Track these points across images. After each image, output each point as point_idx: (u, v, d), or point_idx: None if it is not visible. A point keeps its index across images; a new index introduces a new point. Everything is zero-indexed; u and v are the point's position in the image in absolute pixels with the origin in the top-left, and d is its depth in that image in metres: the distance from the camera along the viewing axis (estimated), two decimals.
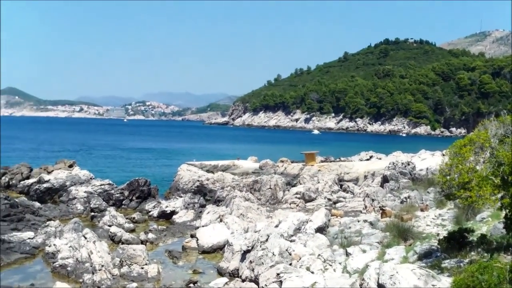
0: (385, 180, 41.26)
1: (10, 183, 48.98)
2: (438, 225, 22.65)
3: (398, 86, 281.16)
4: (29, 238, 29.23)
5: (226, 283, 21.11)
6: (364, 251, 19.87)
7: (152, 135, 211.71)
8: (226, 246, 25.81)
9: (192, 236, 30.57)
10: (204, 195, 43.72)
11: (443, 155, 17.19)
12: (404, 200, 31.31)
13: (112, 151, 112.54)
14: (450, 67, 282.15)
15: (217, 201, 40.87)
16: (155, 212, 38.94)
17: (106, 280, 22.42)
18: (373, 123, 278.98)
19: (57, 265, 25.14)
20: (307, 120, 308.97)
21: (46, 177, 46.36)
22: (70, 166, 50.87)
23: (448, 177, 14.72)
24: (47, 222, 32.10)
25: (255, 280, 20.33)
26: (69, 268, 24.60)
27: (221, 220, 32.21)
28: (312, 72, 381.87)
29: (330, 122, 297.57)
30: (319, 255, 20.05)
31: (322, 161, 57.24)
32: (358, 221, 28.18)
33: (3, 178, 49.36)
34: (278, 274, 18.86)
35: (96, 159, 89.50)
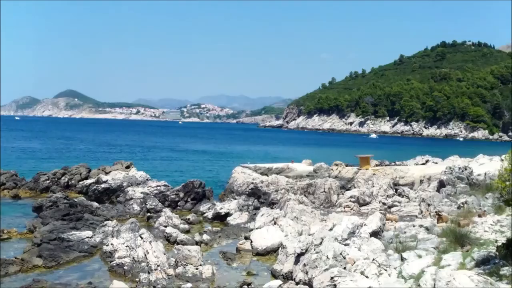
0: (441, 185, 40.56)
1: (70, 183, 50.22)
2: (497, 232, 22.14)
3: (455, 89, 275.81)
4: (87, 237, 29.92)
5: (280, 285, 21.12)
6: (419, 256, 19.60)
7: (207, 137, 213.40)
8: (280, 248, 25.85)
9: (246, 238, 30.74)
10: (258, 197, 43.84)
11: (502, 160, 16.76)
12: (461, 205, 30.70)
13: (168, 153, 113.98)
14: (509, 70, 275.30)
15: (271, 204, 40.96)
16: (209, 214, 39.31)
17: (161, 280, 22.76)
18: (429, 127, 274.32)
19: (114, 264, 25.66)
20: (361, 124, 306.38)
21: (104, 177, 47.33)
22: (127, 167, 51.78)
23: (507, 183, 14.44)
24: (105, 222, 32.80)
25: (309, 283, 20.30)
26: (125, 267, 25.09)
27: (275, 223, 32.27)
28: (367, 75, 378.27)
29: (385, 125, 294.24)
30: (373, 259, 19.89)
31: (376, 165, 56.64)
32: (414, 226, 27.78)
33: (62, 178, 50.65)
34: (332, 277, 18.79)
35: (152, 161, 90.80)
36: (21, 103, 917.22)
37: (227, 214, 38.25)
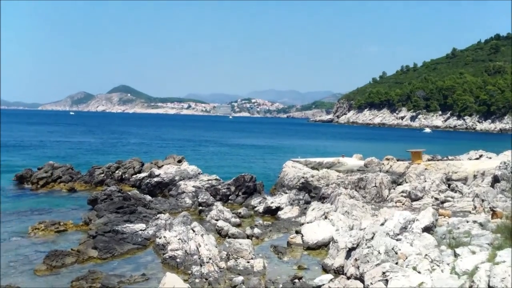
0: (495, 180, 39.76)
1: (123, 176, 51.16)
2: None
3: (510, 83, 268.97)
4: (141, 230, 30.45)
5: (331, 280, 21.13)
6: (473, 253, 19.31)
7: (257, 131, 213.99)
8: (331, 243, 25.82)
9: (297, 232, 30.81)
10: (309, 191, 43.79)
11: None
12: None
13: (219, 147, 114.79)
14: None
15: (322, 198, 40.85)
16: (260, 208, 39.49)
17: (213, 273, 23.03)
18: (483, 121, 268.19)
19: (167, 257, 26.08)
20: (413, 118, 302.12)
21: (156, 171, 48.04)
22: (179, 161, 52.41)
23: None
24: (158, 215, 33.32)
25: (360, 278, 20.25)
26: (178, 260, 25.46)
27: (326, 217, 32.21)
28: (419, 69, 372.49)
29: (437, 120, 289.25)
30: (426, 255, 19.69)
31: (428, 160, 55.81)
32: (467, 222, 27.35)
33: (116, 171, 51.62)
34: (384, 272, 18.70)
35: (204, 155, 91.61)
36: (76, 99, 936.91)
37: (278, 208, 38.37)
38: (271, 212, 38.45)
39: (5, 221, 35.02)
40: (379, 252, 20.81)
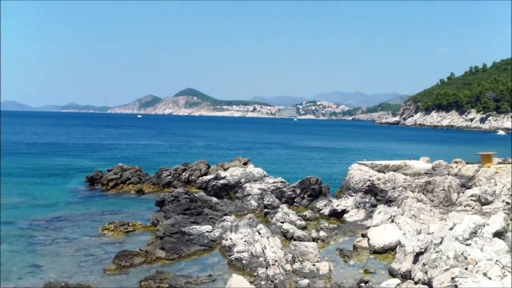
0: None
1: (190, 178, 51.83)
2: None
3: None
4: (207, 231, 30.79)
5: (398, 284, 20.88)
6: None
7: (323, 134, 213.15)
8: (398, 247, 25.51)
9: (363, 235, 30.53)
10: (375, 194, 43.36)
11: None
12: None
13: (284, 149, 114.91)
14: None
15: (388, 201, 40.34)
16: (326, 211, 39.33)
17: (279, 275, 23.07)
18: None
19: (233, 258, 26.28)
20: (482, 120, 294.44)
21: (222, 173, 48.48)
22: (245, 163, 52.74)
23: None
24: (224, 217, 33.61)
25: (428, 283, 19.93)
26: (244, 262, 25.63)
27: (392, 221, 31.81)
28: (488, 69, 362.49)
29: (508, 122, 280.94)
30: (497, 260, 19.23)
31: (499, 163, 54.39)
32: None
33: (183, 174, 52.35)
34: (453, 278, 18.36)
35: (269, 157, 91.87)
36: (144, 102, 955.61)
37: (344, 211, 38.13)
38: (337, 215, 38.25)
39: (76, 221, 36.11)
40: (448, 257, 20.43)
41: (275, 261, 24.05)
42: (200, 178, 50.93)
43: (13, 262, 26.32)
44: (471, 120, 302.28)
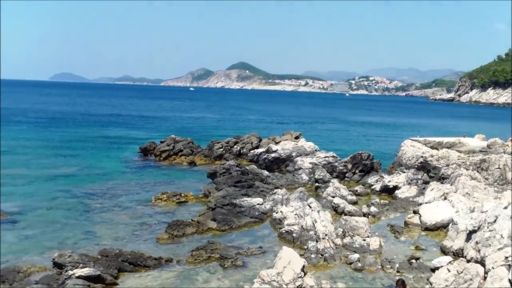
0: None
1: (241, 151, 52.20)
2: None
3: None
4: (258, 204, 31.04)
5: (449, 262, 20.63)
6: None
7: (375, 109, 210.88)
8: (451, 224, 25.22)
9: (415, 212, 30.30)
10: (428, 171, 42.80)
11: None
12: None
13: (336, 124, 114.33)
14: None
15: (441, 179, 39.81)
16: (377, 186, 39.10)
17: (329, 249, 23.14)
18: None
19: (283, 231, 26.46)
20: None
21: (274, 147, 48.59)
22: (296, 137, 52.71)
23: None
24: (275, 190, 33.81)
25: (481, 262, 19.66)
26: (294, 235, 25.78)
27: (445, 198, 31.40)
28: None
29: None
30: None
31: None
32: None
33: (235, 146, 52.73)
34: (506, 257, 18.09)
35: (320, 132, 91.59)
36: (196, 75, 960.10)
37: (395, 187, 37.84)
38: (388, 191, 37.99)
39: (130, 190, 36.90)
40: (501, 236, 20.09)
41: (325, 235, 24.12)
42: (252, 151, 51.20)
43: (69, 229, 27.11)
44: None
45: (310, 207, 26.88)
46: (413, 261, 21.88)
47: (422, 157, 44.60)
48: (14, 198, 33.30)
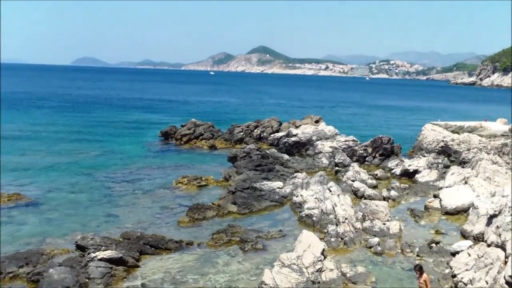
0: None
1: (262, 135, 52.29)
2: None
3: None
4: (278, 188, 31.18)
5: (470, 246, 20.63)
6: None
7: (395, 93, 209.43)
8: (471, 209, 25.17)
9: (435, 196, 30.24)
10: (449, 155, 42.65)
11: None
12: None
13: (355, 108, 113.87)
14: None
15: (462, 163, 39.65)
16: (397, 170, 39.02)
17: (349, 233, 23.23)
18: None
19: (303, 215, 26.58)
20: None
21: (294, 131, 48.61)
22: (317, 121, 52.66)
23: None
24: (295, 174, 33.92)
25: (502, 246, 19.61)
26: (314, 218, 25.89)
27: (466, 182, 31.30)
28: None
29: None
30: None
31: None
32: None
33: (255, 130, 52.83)
34: None
35: (341, 116, 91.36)
36: (217, 59, 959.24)
37: (416, 171, 37.74)
38: (408, 175, 37.91)
39: (151, 174, 37.20)
40: None
41: (345, 218, 24.19)
42: (272, 135, 51.28)
43: (92, 212, 27.46)
44: None
45: (330, 191, 26.94)
46: (433, 245, 21.89)
47: (443, 141, 44.44)
48: (37, 181, 33.79)
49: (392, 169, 39.75)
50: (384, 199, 30.11)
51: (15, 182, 33.27)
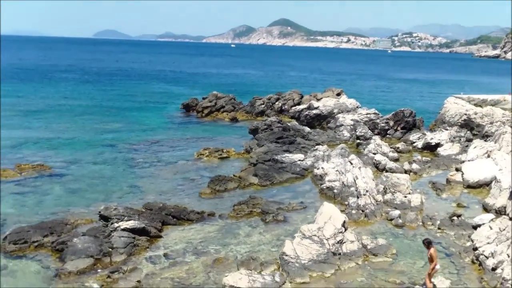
0: None
1: (283, 108, 52.25)
2: None
3: None
4: (299, 160, 31.22)
5: (491, 219, 20.57)
6: None
7: (418, 66, 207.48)
8: (494, 182, 25.05)
9: (457, 169, 30.08)
10: (471, 129, 42.29)
11: None
12: None
13: (377, 81, 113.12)
14: None
15: (485, 136, 39.33)
16: (419, 143, 38.84)
17: (370, 205, 23.26)
18: None
19: (324, 187, 26.64)
20: None
21: (315, 104, 48.47)
22: (338, 94, 52.46)
23: None
24: (316, 146, 33.94)
25: None
26: (335, 191, 25.94)
27: (488, 156, 31.10)
28: None
29: None
30: None
31: None
32: None
33: (276, 103, 52.78)
34: None
35: (362, 88, 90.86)
36: (238, 32, 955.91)
37: (438, 145, 37.53)
38: (430, 148, 37.72)
39: (173, 146, 37.46)
40: None
41: (366, 191, 24.21)
42: (293, 108, 51.20)
43: (115, 183, 27.77)
44: None
45: (351, 163, 26.92)
46: (455, 218, 21.86)
47: (465, 114, 44.06)
48: (61, 152, 34.22)
49: (414, 142, 39.57)
50: (406, 172, 30.05)
51: (39, 153, 33.76)
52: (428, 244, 15.42)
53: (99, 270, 17.23)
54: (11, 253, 18.34)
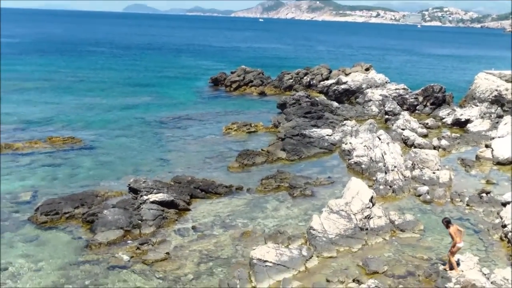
0: None
1: (311, 83, 52.08)
2: None
3: None
4: (327, 135, 31.20)
5: None
6: None
7: (448, 41, 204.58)
8: None
9: (487, 146, 29.81)
10: (502, 105, 41.75)
11: None
12: None
13: (406, 56, 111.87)
14: None
15: None
16: (449, 119, 38.51)
17: (398, 181, 23.21)
18: None
19: (352, 162, 26.62)
20: None
21: (344, 79, 48.21)
22: (367, 69, 52.04)
23: None
24: (344, 121, 33.85)
25: None
26: (363, 166, 25.92)
27: None
28: None
29: None
30: None
31: None
32: None
33: (304, 78, 52.63)
34: None
35: (391, 63, 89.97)
36: (267, 6, 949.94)
37: (467, 121, 37.17)
38: (460, 124, 37.37)
39: (201, 120, 37.65)
40: None
41: (395, 166, 24.16)
42: (321, 83, 51.00)
43: (144, 156, 28.05)
44: None
45: (380, 139, 26.83)
46: (484, 195, 21.72)
47: (496, 90, 43.47)
48: (91, 125, 34.66)
49: (443, 118, 39.26)
50: (435, 148, 29.88)
51: (70, 126, 34.21)
52: (447, 223, 15.29)
53: (128, 242, 17.55)
54: (43, 224, 18.69)
